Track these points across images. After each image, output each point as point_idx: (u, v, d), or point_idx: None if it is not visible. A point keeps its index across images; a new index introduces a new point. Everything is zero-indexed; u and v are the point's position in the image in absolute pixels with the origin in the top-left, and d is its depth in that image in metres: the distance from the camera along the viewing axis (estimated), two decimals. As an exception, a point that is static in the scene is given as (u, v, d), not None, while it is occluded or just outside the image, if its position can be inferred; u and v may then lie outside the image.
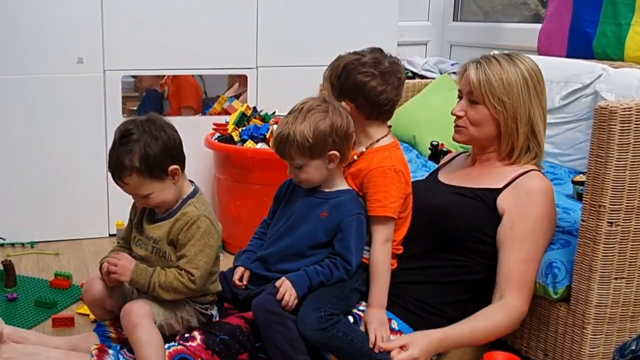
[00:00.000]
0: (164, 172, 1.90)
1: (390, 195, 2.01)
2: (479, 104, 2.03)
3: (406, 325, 2.03)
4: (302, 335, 1.86)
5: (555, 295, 1.95)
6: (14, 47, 3.03)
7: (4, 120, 3.08)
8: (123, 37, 3.15)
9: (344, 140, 1.97)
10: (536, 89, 2.03)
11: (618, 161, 1.78)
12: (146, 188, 1.89)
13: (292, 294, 1.87)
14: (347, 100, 2.04)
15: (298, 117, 1.94)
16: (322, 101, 1.98)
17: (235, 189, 3.03)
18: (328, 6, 3.43)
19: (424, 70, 4.06)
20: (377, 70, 2.02)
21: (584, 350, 1.90)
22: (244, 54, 3.37)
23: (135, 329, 1.83)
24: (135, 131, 1.89)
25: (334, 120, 1.93)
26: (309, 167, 1.97)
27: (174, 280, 1.88)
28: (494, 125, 2.03)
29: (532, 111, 2.02)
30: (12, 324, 2.32)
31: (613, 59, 3.07)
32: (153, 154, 1.87)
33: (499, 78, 2.00)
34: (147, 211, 2.01)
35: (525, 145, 2.04)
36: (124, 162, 1.86)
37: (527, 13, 4.11)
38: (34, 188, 3.16)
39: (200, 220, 1.92)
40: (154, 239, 1.95)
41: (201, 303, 2.00)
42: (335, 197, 2.01)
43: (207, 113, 3.39)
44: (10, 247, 3.13)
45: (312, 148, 1.92)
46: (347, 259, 1.96)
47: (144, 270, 1.90)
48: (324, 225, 1.98)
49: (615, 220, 1.81)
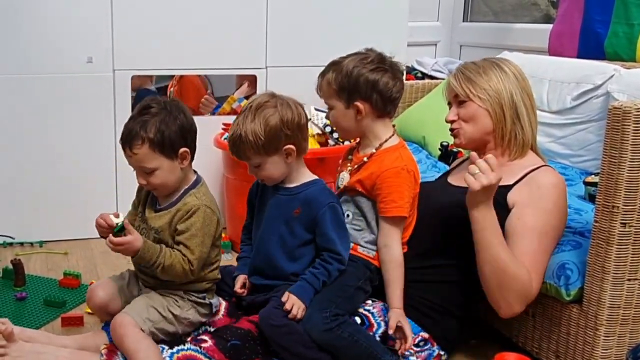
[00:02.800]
0: (174, 151, 1.92)
1: (405, 196, 2.01)
2: (466, 101, 2.09)
3: (415, 325, 2.03)
4: (309, 337, 1.87)
5: (567, 297, 1.93)
6: (23, 46, 3.03)
7: (13, 119, 3.08)
8: (133, 37, 3.15)
9: (297, 132, 1.96)
10: (516, 76, 2.09)
11: (632, 162, 1.76)
12: (153, 162, 1.91)
13: (299, 306, 1.88)
14: (360, 100, 2.03)
15: (248, 116, 1.93)
16: (270, 96, 1.97)
17: (244, 189, 2.99)
18: (338, 6, 3.42)
19: (433, 71, 4.06)
20: (386, 66, 2.03)
21: (596, 352, 1.89)
22: (253, 54, 3.35)
23: (122, 341, 1.86)
24: (155, 106, 1.93)
25: (283, 113, 1.93)
26: (267, 165, 1.96)
27: (177, 264, 1.90)
28: (486, 116, 2.08)
29: (514, 94, 2.06)
30: (21, 323, 2.33)
31: (625, 59, 3.05)
32: (168, 130, 1.90)
33: (476, 72, 2.10)
34: (150, 200, 2.02)
35: (513, 130, 2.07)
36: (138, 131, 1.90)
37: (537, 13, 4.09)
38: (43, 187, 3.16)
39: (201, 210, 1.94)
40: (156, 229, 1.97)
41: (197, 291, 2.00)
42: (303, 190, 2.01)
43: (216, 113, 3.38)
44: (19, 247, 3.13)
45: (266, 145, 1.92)
46: (333, 250, 1.96)
47: (152, 247, 1.91)
48: (300, 222, 1.99)
49: (629, 221, 1.80)
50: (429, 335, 2.04)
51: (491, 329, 2.24)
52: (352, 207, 2.08)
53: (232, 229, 3.18)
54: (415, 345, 2.02)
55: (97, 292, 2.05)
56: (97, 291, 2.05)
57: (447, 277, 2.05)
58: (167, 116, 1.92)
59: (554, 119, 2.91)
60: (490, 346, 2.19)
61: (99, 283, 2.11)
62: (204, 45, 3.26)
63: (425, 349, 2.03)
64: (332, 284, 1.95)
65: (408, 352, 2.00)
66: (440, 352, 2.06)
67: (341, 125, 2.11)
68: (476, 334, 2.26)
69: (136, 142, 1.90)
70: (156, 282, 2.00)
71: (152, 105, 1.93)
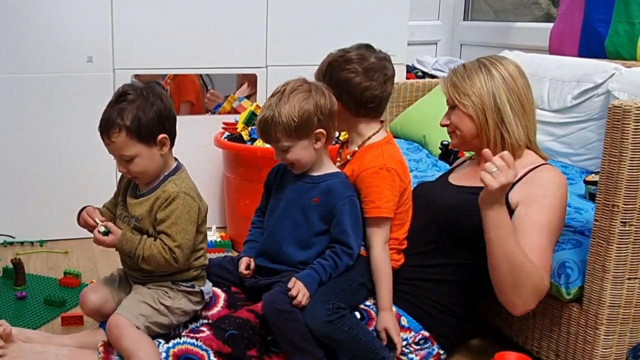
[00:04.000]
0: (152, 138, 1.91)
1: (384, 196, 2.00)
2: (455, 106, 2.06)
3: (416, 323, 2.03)
4: (309, 328, 1.86)
5: (567, 296, 1.93)
6: (23, 45, 3.03)
7: (13, 118, 3.08)
8: (133, 36, 3.15)
9: (328, 119, 1.96)
10: (504, 78, 2.02)
11: (632, 160, 1.76)
12: (131, 150, 1.90)
13: (305, 293, 1.87)
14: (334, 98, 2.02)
15: (282, 99, 1.93)
16: (303, 81, 1.98)
17: (244, 188, 3.02)
18: (338, 5, 3.42)
19: (434, 70, 4.05)
20: (360, 67, 2.01)
21: (596, 350, 1.89)
22: (253, 53, 3.35)
23: (119, 342, 1.85)
24: (132, 93, 1.91)
25: (318, 99, 1.93)
26: (296, 148, 1.96)
27: (157, 254, 1.89)
28: (470, 122, 2.04)
29: (497, 97, 2.01)
30: (21, 322, 2.33)
31: (625, 58, 3.05)
32: (145, 117, 1.89)
33: (461, 75, 2.05)
34: (132, 187, 2.02)
35: (497, 134, 2.02)
36: (115, 119, 1.88)
37: (538, 12, 4.09)
38: (43, 186, 3.16)
39: (180, 197, 1.92)
40: (136, 217, 1.96)
41: (185, 281, 1.99)
42: (325, 180, 2.00)
43: (216, 112, 3.38)
44: (19, 246, 3.13)
45: (298, 128, 1.92)
46: (346, 243, 1.95)
47: (130, 240, 1.92)
48: (317, 211, 1.98)
49: (629, 220, 1.80)
50: (429, 334, 2.04)
51: (491, 328, 2.24)
52: None
53: (233, 228, 3.17)
54: (415, 343, 2.02)
55: (89, 296, 2.04)
56: (89, 295, 2.04)
57: (447, 276, 2.05)
58: (144, 102, 1.90)
59: (554, 117, 2.91)
60: (490, 345, 2.19)
61: (89, 287, 2.10)
62: (205, 45, 3.26)
63: (425, 347, 2.03)
64: (338, 278, 1.95)
65: (408, 350, 2.00)
66: (439, 351, 2.06)
67: None
68: (476, 333, 2.26)
69: (113, 130, 1.89)
70: (144, 277, 1.99)
71: (129, 92, 1.91)
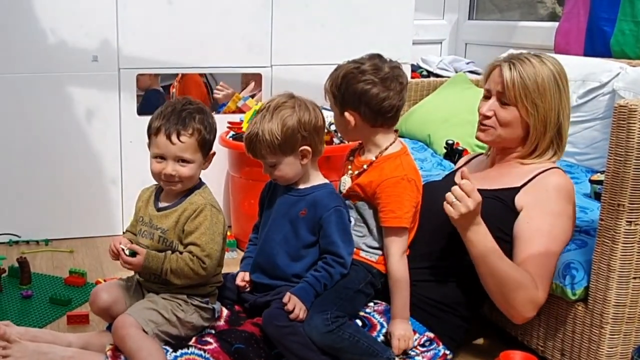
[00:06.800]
0: (207, 151, 1.99)
1: (404, 206, 2.00)
2: (511, 105, 2.00)
3: (420, 325, 2.03)
4: (311, 340, 1.87)
5: (573, 296, 1.92)
6: (28, 45, 3.03)
7: (18, 118, 3.09)
8: (138, 36, 3.15)
9: (313, 135, 1.97)
10: (565, 90, 2.01)
11: (637, 160, 1.75)
12: (190, 155, 1.94)
13: (301, 307, 1.88)
14: (350, 109, 2.02)
15: (266, 116, 1.95)
16: (288, 97, 1.99)
17: (249, 187, 3.02)
18: (343, 4, 3.41)
19: (439, 69, 4.05)
20: (377, 77, 1.99)
21: (601, 350, 1.88)
22: (258, 53, 3.36)
23: (124, 341, 1.85)
24: (195, 105, 1.98)
25: (301, 115, 1.95)
26: (282, 165, 1.98)
27: (185, 267, 1.91)
28: (522, 127, 2.01)
29: (562, 113, 2.00)
30: (27, 321, 2.34)
31: (631, 57, 3.04)
32: (210, 131, 1.98)
33: (534, 81, 1.97)
34: (152, 202, 2.04)
35: (549, 147, 2.02)
36: (194, 119, 1.93)
37: (543, 11, 4.07)
38: (48, 186, 3.17)
39: (207, 209, 1.95)
40: (162, 229, 1.98)
41: (200, 295, 2.00)
42: (311, 192, 2.02)
43: (221, 111, 3.38)
44: (25, 245, 3.14)
45: (282, 145, 1.94)
46: (335, 253, 1.96)
47: (155, 257, 1.93)
48: (305, 223, 1.99)
49: (635, 219, 1.79)
50: (435, 335, 2.04)
51: (496, 327, 2.23)
52: (354, 214, 2.08)
53: (237, 227, 3.18)
54: (421, 345, 2.02)
55: (100, 294, 2.04)
56: (100, 294, 2.04)
57: (452, 276, 2.04)
58: (210, 119, 1.99)
59: (559, 117, 2.90)
60: (496, 345, 2.19)
61: (102, 285, 2.11)
62: (209, 44, 3.26)
63: (430, 348, 2.03)
64: (333, 287, 1.96)
65: (414, 352, 2.00)
66: (445, 352, 2.05)
67: (339, 130, 2.13)
68: (482, 333, 2.26)
69: (188, 130, 1.93)
70: (160, 288, 2.00)
71: (192, 103, 1.98)
